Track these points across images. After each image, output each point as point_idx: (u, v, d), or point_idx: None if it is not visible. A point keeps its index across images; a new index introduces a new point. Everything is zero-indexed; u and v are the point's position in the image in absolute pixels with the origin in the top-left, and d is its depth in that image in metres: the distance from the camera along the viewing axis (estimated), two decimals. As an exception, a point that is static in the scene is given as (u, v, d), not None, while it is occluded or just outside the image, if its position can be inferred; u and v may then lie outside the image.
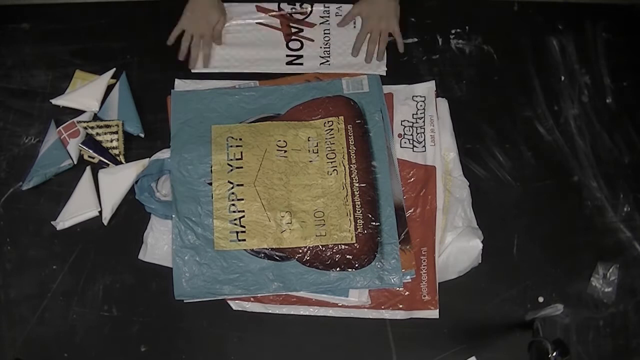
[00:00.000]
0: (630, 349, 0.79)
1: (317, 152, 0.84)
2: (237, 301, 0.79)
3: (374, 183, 0.82)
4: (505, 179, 0.88)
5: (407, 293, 0.79)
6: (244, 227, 0.79)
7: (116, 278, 0.80)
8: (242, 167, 0.82)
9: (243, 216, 0.80)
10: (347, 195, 0.82)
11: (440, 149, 0.86)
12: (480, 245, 0.79)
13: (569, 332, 0.79)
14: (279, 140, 0.84)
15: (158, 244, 0.80)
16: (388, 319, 0.78)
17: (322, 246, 0.79)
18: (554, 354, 0.66)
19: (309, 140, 0.85)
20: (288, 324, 0.78)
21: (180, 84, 0.91)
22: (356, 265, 0.78)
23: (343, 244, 0.79)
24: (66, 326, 0.78)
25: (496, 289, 0.81)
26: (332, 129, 0.86)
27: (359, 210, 0.81)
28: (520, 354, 0.75)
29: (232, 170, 0.82)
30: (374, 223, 0.80)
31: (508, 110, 0.92)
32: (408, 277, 0.78)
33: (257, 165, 0.82)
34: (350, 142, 0.85)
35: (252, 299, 0.79)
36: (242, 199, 0.80)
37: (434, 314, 0.78)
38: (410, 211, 0.83)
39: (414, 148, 0.87)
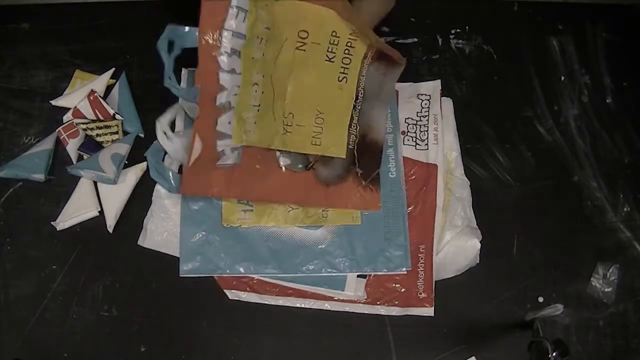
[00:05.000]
0: (630, 349, 0.79)
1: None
2: (233, 290, 0.79)
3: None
4: (505, 179, 0.88)
5: (403, 290, 0.79)
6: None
7: (116, 278, 0.80)
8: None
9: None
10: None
11: (443, 148, 0.86)
12: (479, 245, 0.79)
13: (569, 332, 0.79)
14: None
15: (157, 230, 0.80)
16: (385, 315, 0.78)
17: None
18: (554, 354, 0.66)
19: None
20: (288, 324, 0.79)
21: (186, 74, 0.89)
22: None
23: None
24: (66, 326, 0.78)
25: (496, 289, 0.81)
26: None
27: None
28: (520, 354, 0.75)
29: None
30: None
31: (508, 110, 0.92)
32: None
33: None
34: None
35: (247, 289, 0.79)
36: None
37: (429, 311, 0.78)
38: (410, 209, 0.82)
39: (417, 146, 0.87)
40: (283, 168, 0.80)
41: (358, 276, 0.80)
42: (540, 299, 0.81)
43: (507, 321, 0.80)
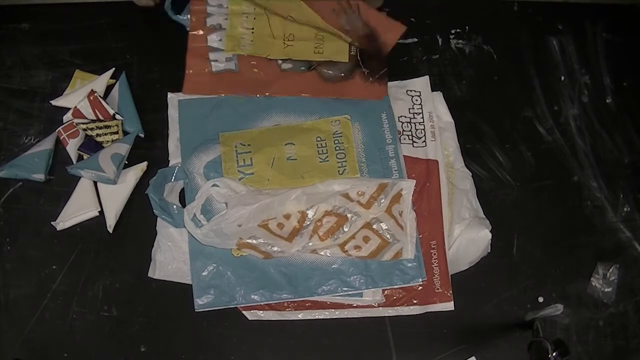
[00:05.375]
0: (630, 349, 0.79)
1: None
2: (252, 311, 0.78)
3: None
4: (505, 179, 0.88)
5: (420, 288, 0.79)
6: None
7: (116, 278, 0.80)
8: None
9: None
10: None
11: (441, 143, 0.86)
12: (489, 235, 0.79)
13: (569, 332, 0.79)
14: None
15: (166, 260, 0.79)
16: (394, 316, 0.78)
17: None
18: (554, 354, 0.66)
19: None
20: (288, 325, 0.78)
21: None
22: None
23: None
24: (66, 326, 0.78)
25: (496, 289, 0.81)
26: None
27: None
28: (520, 354, 0.75)
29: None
30: None
31: (508, 110, 0.92)
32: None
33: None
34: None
35: (266, 307, 0.78)
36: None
37: (449, 306, 0.78)
38: (415, 206, 0.82)
39: (414, 143, 0.87)
40: (285, 71, 0.88)
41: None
42: (540, 299, 0.81)
43: (507, 321, 0.80)
